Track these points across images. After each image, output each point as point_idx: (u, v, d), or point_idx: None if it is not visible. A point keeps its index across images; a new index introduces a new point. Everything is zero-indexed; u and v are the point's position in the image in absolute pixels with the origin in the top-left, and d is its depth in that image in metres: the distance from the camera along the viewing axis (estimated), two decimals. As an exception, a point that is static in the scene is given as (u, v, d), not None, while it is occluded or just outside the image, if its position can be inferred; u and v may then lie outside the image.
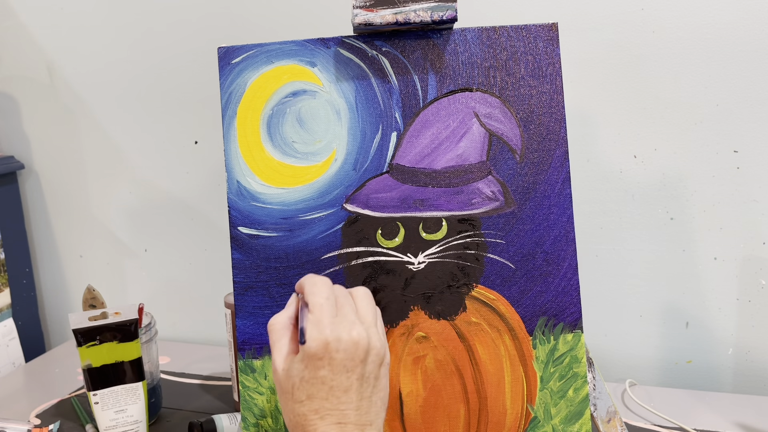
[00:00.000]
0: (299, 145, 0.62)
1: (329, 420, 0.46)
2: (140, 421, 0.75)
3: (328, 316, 0.48)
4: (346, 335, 0.47)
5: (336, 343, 0.47)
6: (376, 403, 0.48)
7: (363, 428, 0.47)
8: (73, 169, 1.16)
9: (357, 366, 0.47)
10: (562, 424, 0.60)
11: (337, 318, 0.48)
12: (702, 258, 0.88)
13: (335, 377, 0.47)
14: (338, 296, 0.50)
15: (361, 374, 0.47)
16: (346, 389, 0.47)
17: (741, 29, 0.82)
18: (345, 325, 0.48)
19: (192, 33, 1.03)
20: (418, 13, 0.58)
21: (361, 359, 0.47)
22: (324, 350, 0.46)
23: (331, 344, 0.47)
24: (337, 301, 0.49)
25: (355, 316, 0.49)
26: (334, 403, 0.47)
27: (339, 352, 0.47)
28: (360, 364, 0.47)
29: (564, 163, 0.60)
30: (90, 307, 0.80)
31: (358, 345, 0.47)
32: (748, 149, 0.84)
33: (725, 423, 0.78)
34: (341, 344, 0.47)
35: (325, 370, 0.47)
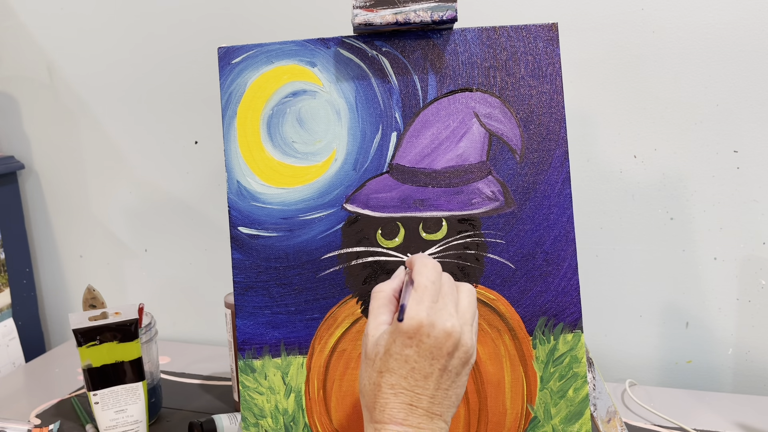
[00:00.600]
0: (299, 145, 0.62)
1: (402, 399, 0.47)
2: (140, 421, 0.75)
3: (429, 300, 0.48)
4: (441, 324, 0.47)
5: (429, 328, 0.47)
6: (450, 397, 0.49)
7: (432, 418, 0.47)
8: (72, 169, 1.16)
9: (443, 356, 0.47)
10: (562, 424, 0.60)
11: (437, 304, 0.48)
12: (702, 258, 0.88)
13: (419, 360, 0.47)
14: (444, 284, 0.50)
15: (445, 365, 0.48)
16: (427, 375, 0.47)
17: (741, 29, 0.82)
18: (443, 314, 0.48)
19: (192, 33, 1.03)
20: (418, 13, 0.58)
21: (449, 351, 0.47)
22: (416, 331, 0.47)
23: (424, 328, 0.47)
24: (441, 289, 0.50)
25: (455, 308, 0.49)
26: (412, 384, 0.47)
27: (429, 337, 0.47)
28: (446, 356, 0.47)
29: (564, 163, 0.60)
30: (90, 307, 0.80)
31: (450, 337, 0.47)
32: (748, 149, 0.84)
33: (725, 423, 0.78)
34: (434, 330, 0.47)
35: (411, 350, 0.47)
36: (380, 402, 0.47)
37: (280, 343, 0.61)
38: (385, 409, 0.47)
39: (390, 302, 0.51)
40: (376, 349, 0.49)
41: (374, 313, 0.51)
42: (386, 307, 0.51)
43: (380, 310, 0.51)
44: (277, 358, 0.61)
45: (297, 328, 0.61)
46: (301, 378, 0.61)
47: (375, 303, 0.51)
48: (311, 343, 0.61)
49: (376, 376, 0.48)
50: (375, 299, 0.51)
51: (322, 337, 0.61)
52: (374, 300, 0.51)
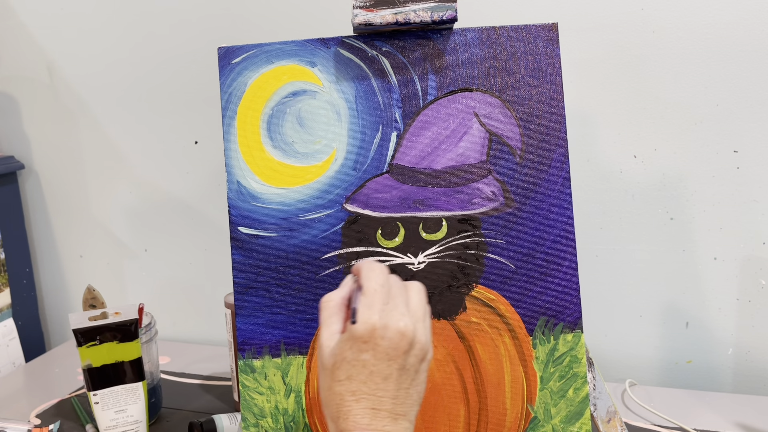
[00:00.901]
0: (299, 145, 0.62)
1: (364, 404, 0.47)
2: (140, 421, 0.75)
3: (379, 303, 0.48)
4: (394, 324, 0.47)
5: (382, 330, 0.47)
6: (412, 396, 0.49)
7: (396, 418, 0.47)
8: (72, 169, 1.16)
9: (399, 356, 0.47)
10: (562, 424, 0.60)
11: (388, 306, 0.48)
12: (702, 258, 0.88)
13: (377, 363, 0.47)
14: (392, 285, 0.50)
15: (402, 365, 0.48)
16: (386, 377, 0.47)
17: (741, 29, 0.82)
18: (394, 315, 0.48)
19: (192, 33, 1.03)
20: (418, 13, 0.58)
21: (405, 350, 0.48)
22: (370, 334, 0.47)
23: (378, 330, 0.47)
24: (390, 290, 0.50)
25: (406, 308, 0.49)
26: (372, 388, 0.47)
27: (384, 339, 0.47)
28: (402, 355, 0.48)
29: (564, 163, 0.60)
30: (90, 307, 0.80)
31: (404, 336, 0.47)
32: (748, 149, 0.84)
33: (725, 423, 0.78)
34: (387, 332, 0.47)
35: (368, 354, 0.47)
36: (343, 410, 0.47)
37: (280, 343, 0.61)
38: (349, 417, 0.47)
39: (340, 311, 0.51)
40: (332, 359, 0.48)
41: (326, 323, 0.50)
42: (337, 315, 0.51)
43: (331, 320, 0.50)
44: (277, 358, 0.61)
45: (297, 328, 0.61)
46: (301, 378, 0.61)
47: (325, 313, 0.51)
48: (311, 343, 0.61)
49: (336, 385, 0.48)
50: (324, 309, 0.51)
51: (322, 337, 0.61)
52: (324, 310, 0.51)
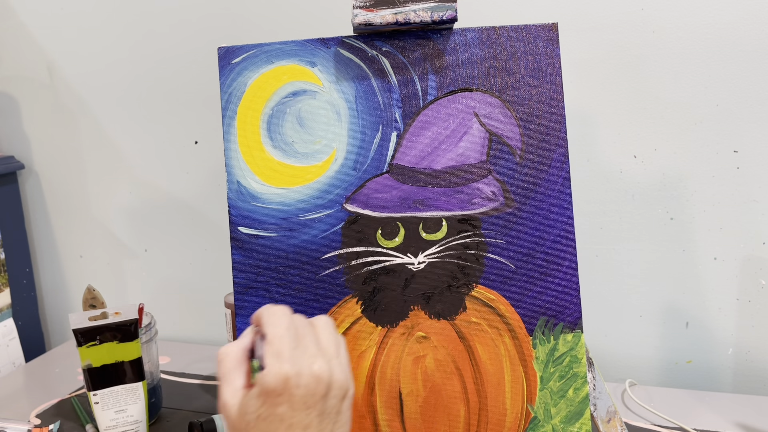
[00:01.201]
0: (299, 145, 0.62)
1: None
2: (140, 421, 0.75)
3: (288, 348, 0.45)
4: (307, 369, 0.44)
5: (296, 378, 0.44)
6: None
7: None
8: (73, 169, 1.16)
9: (318, 402, 0.44)
10: (562, 424, 0.60)
11: (297, 350, 0.45)
12: (702, 258, 0.88)
13: (295, 414, 0.44)
14: (298, 327, 0.47)
15: (322, 410, 0.45)
16: (306, 426, 0.44)
17: (741, 29, 0.82)
18: (306, 359, 0.45)
19: (192, 33, 1.03)
20: (418, 13, 0.58)
21: (323, 395, 0.44)
22: (284, 386, 0.43)
23: (292, 379, 0.43)
24: (297, 332, 0.46)
25: (317, 348, 0.46)
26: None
27: (300, 387, 0.44)
28: (321, 400, 0.44)
29: (564, 163, 0.60)
30: (90, 307, 0.80)
31: (320, 380, 0.44)
32: (748, 149, 0.84)
33: (725, 423, 0.78)
34: (302, 379, 0.44)
35: (284, 406, 0.44)
36: None
37: (280, 343, 0.61)
38: None
39: (240, 364, 0.47)
40: (244, 419, 0.44)
41: (227, 378, 0.46)
42: (238, 370, 0.47)
43: (233, 375, 0.46)
44: (277, 358, 0.61)
45: (297, 328, 0.61)
46: (301, 378, 0.61)
47: (224, 367, 0.47)
48: (311, 343, 0.61)
49: None
50: (223, 363, 0.47)
51: (322, 337, 0.61)
52: (222, 364, 0.47)
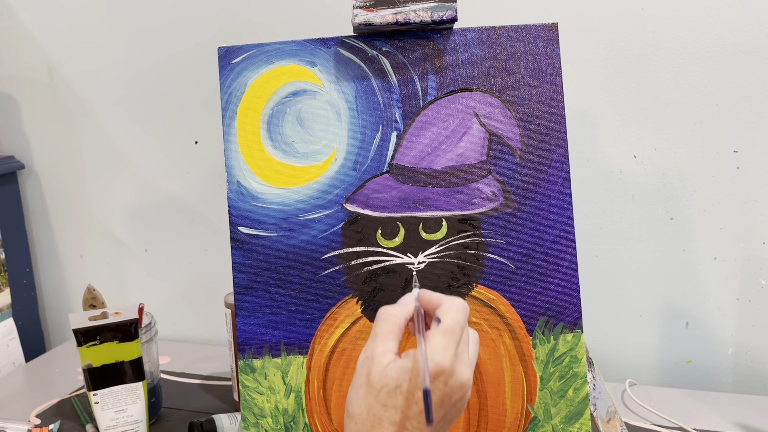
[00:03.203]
0: (299, 145, 0.62)
1: None
2: (140, 421, 0.75)
3: (454, 346, 0.46)
4: (458, 374, 0.46)
5: (448, 377, 0.45)
6: None
7: None
8: (73, 169, 1.16)
9: (449, 405, 0.46)
10: (562, 423, 0.60)
11: (457, 350, 0.46)
12: (702, 258, 0.88)
13: None
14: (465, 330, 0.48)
15: (446, 413, 0.46)
16: None
17: (741, 29, 0.82)
18: (462, 364, 0.46)
19: (192, 33, 1.03)
20: (418, 13, 0.58)
21: (455, 401, 0.46)
22: (436, 376, 0.45)
23: (445, 375, 0.45)
24: (464, 335, 0.48)
25: (469, 359, 0.48)
26: (414, 426, 0.46)
27: (446, 385, 0.45)
28: (452, 405, 0.46)
29: (564, 163, 0.60)
30: (90, 307, 0.80)
31: (462, 388, 0.46)
32: (748, 149, 0.84)
33: (725, 423, 0.78)
34: (452, 380, 0.46)
35: None
36: None
37: (280, 343, 0.61)
38: None
39: (400, 330, 0.49)
40: (385, 380, 0.46)
41: (382, 337, 0.48)
42: (395, 334, 0.48)
43: (389, 336, 0.48)
44: (277, 358, 0.61)
45: (297, 328, 0.61)
46: (301, 378, 0.61)
47: (384, 326, 0.48)
48: (311, 342, 0.61)
49: (379, 407, 0.46)
50: (385, 322, 0.49)
51: (322, 336, 0.61)
52: (384, 323, 0.49)
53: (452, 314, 0.47)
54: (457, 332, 0.47)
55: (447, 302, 0.48)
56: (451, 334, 0.46)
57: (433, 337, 0.46)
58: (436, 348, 0.45)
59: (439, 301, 0.49)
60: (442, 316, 0.47)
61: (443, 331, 0.46)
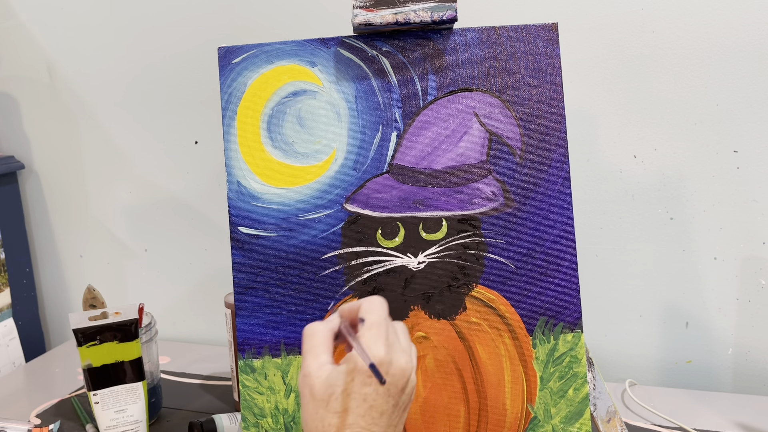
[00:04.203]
0: (299, 145, 0.62)
1: None
2: (140, 421, 0.75)
3: (383, 337, 0.48)
4: (396, 361, 0.48)
5: (387, 366, 0.47)
6: None
7: None
8: (73, 169, 1.16)
9: (397, 393, 0.48)
10: (562, 423, 0.60)
11: (388, 340, 0.48)
12: (702, 258, 0.88)
13: (377, 398, 0.47)
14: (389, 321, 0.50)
15: (397, 401, 0.48)
16: (382, 412, 0.47)
17: (741, 29, 0.82)
18: (397, 351, 0.48)
19: (192, 33, 1.03)
20: (418, 13, 0.58)
21: (401, 388, 0.48)
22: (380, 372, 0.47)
23: (383, 366, 0.47)
24: (390, 325, 0.50)
25: (401, 345, 0.49)
26: (368, 422, 0.47)
27: (387, 375, 0.47)
28: (399, 392, 0.48)
29: (564, 163, 0.60)
30: (90, 307, 0.80)
31: (404, 374, 0.48)
32: (748, 149, 0.84)
33: (725, 423, 0.78)
34: (391, 368, 0.47)
35: (370, 388, 0.47)
36: None
37: (281, 343, 0.61)
38: None
39: (328, 341, 0.50)
40: (329, 390, 0.48)
41: (313, 352, 0.49)
42: (325, 346, 0.50)
43: (319, 350, 0.49)
44: (278, 358, 0.61)
45: (297, 328, 0.61)
46: (301, 378, 0.61)
47: (312, 341, 0.50)
48: (311, 343, 0.61)
49: (332, 416, 0.47)
50: (312, 337, 0.50)
51: (322, 337, 0.61)
52: (310, 338, 0.50)
53: (373, 310, 0.49)
54: (383, 325, 0.49)
55: (365, 303, 0.50)
56: (378, 327, 0.48)
57: (362, 336, 0.48)
58: (368, 343, 0.48)
59: (358, 305, 0.51)
60: (364, 315, 0.49)
61: (369, 327, 0.48)
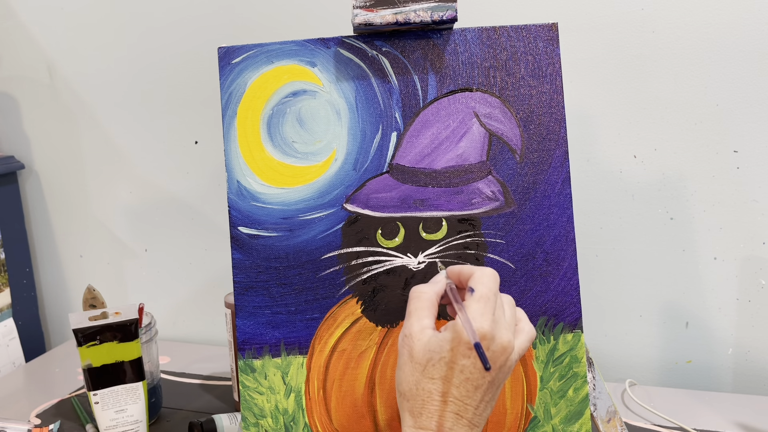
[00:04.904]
0: (299, 145, 0.62)
1: (452, 407, 0.47)
2: (140, 421, 0.75)
3: (490, 312, 0.48)
4: (499, 337, 0.47)
5: (489, 341, 0.47)
6: (487, 410, 0.49)
7: (472, 429, 0.47)
8: (73, 169, 1.16)
9: (495, 370, 0.47)
10: (562, 423, 0.60)
11: (495, 316, 0.48)
12: (702, 258, 0.88)
13: (474, 371, 0.47)
14: (497, 295, 0.50)
15: (494, 378, 0.48)
16: (477, 386, 0.47)
17: (741, 29, 0.82)
18: (501, 328, 0.48)
19: (192, 33, 1.03)
20: (418, 13, 0.58)
21: (500, 365, 0.48)
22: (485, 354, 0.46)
23: (486, 340, 0.47)
24: (498, 300, 0.49)
25: (506, 321, 0.49)
26: (462, 393, 0.47)
27: (488, 350, 0.47)
28: (497, 369, 0.47)
29: (564, 163, 0.60)
30: (90, 307, 0.80)
31: (505, 351, 0.47)
32: (748, 149, 0.84)
33: (725, 423, 0.78)
34: (493, 344, 0.47)
35: (469, 360, 0.47)
36: (429, 408, 0.47)
37: (280, 343, 0.61)
38: (434, 416, 0.47)
39: (433, 306, 0.50)
40: (428, 354, 0.48)
41: (417, 314, 0.50)
42: (429, 309, 0.50)
43: (423, 313, 0.50)
44: (277, 358, 0.61)
45: (297, 328, 0.61)
46: (301, 378, 0.61)
47: (417, 304, 0.50)
48: (311, 342, 0.61)
49: (427, 381, 0.47)
50: (417, 300, 0.50)
51: (322, 336, 0.61)
52: (416, 301, 0.50)
53: (484, 282, 0.49)
54: (492, 299, 0.48)
55: (477, 272, 0.50)
56: (486, 300, 0.48)
57: (469, 306, 0.48)
58: (474, 315, 0.47)
59: (470, 272, 0.51)
60: (474, 285, 0.49)
61: (478, 299, 0.48)
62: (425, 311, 0.50)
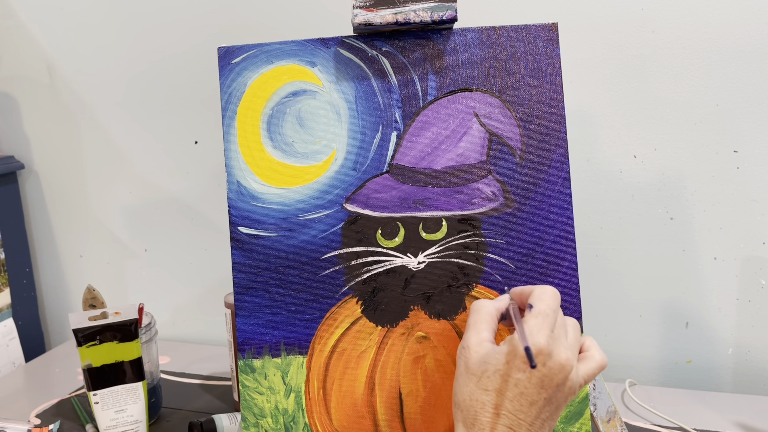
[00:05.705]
0: (299, 145, 0.62)
1: (504, 421, 0.47)
2: (140, 421, 0.75)
3: (548, 328, 0.48)
4: (557, 355, 0.47)
5: (546, 357, 0.47)
6: (543, 429, 0.48)
7: None
8: (73, 169, 1.16)
9: (552, 387, 0.47)
10: (562, 423, 0.60)
11: (554, 333, 0.48)
12: (702, 258, 0.88)
13: (529, 386, 0.47)
14: (558, 314, 0.50)
15: (550, 396, 0.47)
16: (532, 403, 0.47)
17: (741, 29, 0.82)
18: (559, 345, 0.48)
19: (192, 33, 1.03)
20: (418, 13, 0.58)
21: (558, 383, 0.47)
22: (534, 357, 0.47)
23: (542, 356, 0.47)
24: (558, 318, 0.50)
25: (568, 341, 0.49)
26: (516, 408, 0.47)
27: (545, 366, 0.47)
28: (554, 387, 0.47)
29: (564, 163, 0.60)
30: (90, 307, 0.80)
31: (563, 369, 0.47)
32: (748, 149, 0.84)
33: (725, 423, 0.78)
34: (549, 360, 0.47)
35: (524, 375, 0.47)
36: (482, 420, 0.47)
37: (280, 343, 0.61)
38: (486, 428, 0.47)
39: (492, 320, 0.51)
40: (483, 366, 0.48)
41: (476, 327, 0.50)
42: (488, 323, 0.51)
43: (482, 326, 0.50)
44: (277, 358, 0.61)
45: (297, 328, 0.61)
46: (301, 378, 0.61)
47: (477, 317, 0.51)
48: (311, 342, 0.61)
49: (482, 393, 0.48)
50: (477, 313, 0.51)
51: (321, 337, 0.61)
52: (476, 314, 0.51)
53: (544, 299, 0.49)
54: (550, 315, 0.49)
55: (537, 290, 0.51)
56: (544, 317, 0.48)
57: (527, 321, 0.48)
58: (531, 330, 0.47)
59: (530, 291, 0.51)
60: (533, 302, 0.50)
61: (536, 315, 0.48)
62: (484, 324, 0.50)
